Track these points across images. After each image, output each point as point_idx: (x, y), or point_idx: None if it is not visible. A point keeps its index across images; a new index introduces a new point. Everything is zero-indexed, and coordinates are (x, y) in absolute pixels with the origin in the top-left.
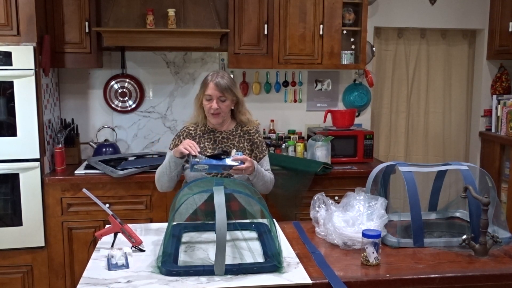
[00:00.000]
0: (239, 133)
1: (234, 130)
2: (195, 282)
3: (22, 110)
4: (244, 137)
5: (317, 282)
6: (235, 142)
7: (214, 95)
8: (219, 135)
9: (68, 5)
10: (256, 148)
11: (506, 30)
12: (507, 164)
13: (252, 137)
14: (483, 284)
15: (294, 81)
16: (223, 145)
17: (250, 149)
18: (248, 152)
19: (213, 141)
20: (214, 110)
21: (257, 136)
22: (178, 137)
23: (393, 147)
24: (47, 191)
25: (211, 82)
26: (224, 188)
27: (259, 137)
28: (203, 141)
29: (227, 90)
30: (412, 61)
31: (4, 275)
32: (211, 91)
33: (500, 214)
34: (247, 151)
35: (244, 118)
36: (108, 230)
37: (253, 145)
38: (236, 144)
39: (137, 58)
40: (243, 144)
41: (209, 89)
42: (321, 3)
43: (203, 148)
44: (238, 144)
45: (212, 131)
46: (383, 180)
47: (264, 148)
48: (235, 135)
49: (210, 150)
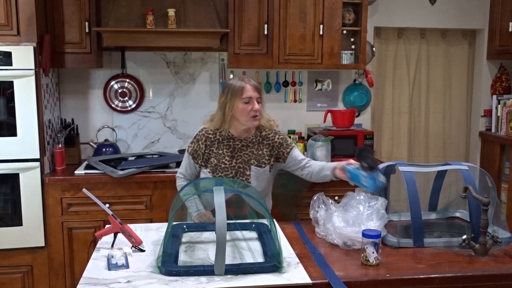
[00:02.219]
0: (258, 139)
1: (253, 138)
2: (195, 282)
3: (22, 110)
4: (263, 143)
5: (317, 282)
6: (254, 150)
7: (253, 96)
8: (238, 143)
9: (68, 5)
10: (279, 147)
11: (506, 30)
12: (507, 164)
13: (272, 141)
14: (483, 284)
15: (294, 81)
16: (241, 153)
17: (269, 154)
18: (267, 157)
19: (232, 149)
20: (257, 112)
21: (276, 137)
22: (197, 142)
23: (396, 148)
24: (47, 191)
25: (247, 84)
26: (225, 188)
27: (279, 137)
28: (222, 147)
29: (261, 90)
30: (413, 62)
31: (4, 275)
32: (251, 93)
33: (500, 214)
34: (266, 157)
35: (264, 120)
36: (108, 230)
37: (273, 149)
38: (255, 152)
39: (137, 58)
40: (262, 150)
41: (247, 91)
42: (321, 3)
43: (221, 154)
44: (258, 152)
45: (232, 138)
46: None
47: (289, 143)
48: (254, 143)
49: (228, 157)
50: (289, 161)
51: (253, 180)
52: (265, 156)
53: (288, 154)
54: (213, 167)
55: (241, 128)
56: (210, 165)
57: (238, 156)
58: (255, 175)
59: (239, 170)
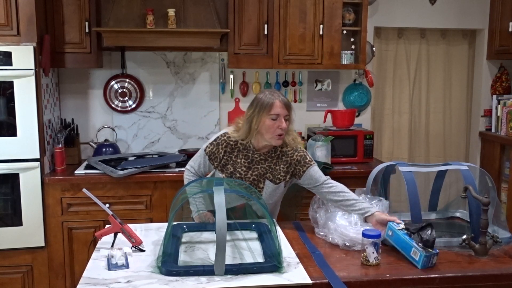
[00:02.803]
0: (278, 154)
1: (273, 152)
2: (195, 282)
3: (22, 110)
4: (282, 158)
5: (317, 282)
6: (272, 164)
7: (282, 113)
8: (257, 156)
9: (68, 5)
10: (297, 164)
11: (506, 30)
12: (507, 164)
13: (290, 159)
14: (483, 284)
15: (294, 81)
16: (258, 166)
17: (286, 170)
18: (283, 174)
19: (250, 160)
20: (283, 130)
21: (295, 154)
22: (217, 145)
23: (396, 148)
24: (47, 191)
25: (277, 100)
26: (224, 188)
27: (298, 154)
28: (241, 156)
29: (291, 108)
30: (413, 62)
31: (4, 275)
32: (280, 110)
33: (500, 214)
34: (282, 173)
35: (289, 138)
36: (108, 230)
37: (290, 166)
38: (272, 167)
39: (137, 58)
40: (279, 166)
41: (276, 107)
42: (321, 3)
43: (238, 163)
44: (274, 167)
45: (252, 150)
46: (383, 180)
47: (309, 160)
48: (273, 157)
49: (245, 167)
50: (305, 179)
51: (265, 193)
52: (281, 172)
53: (304, 172)
54: (228, 174)
55: (264, 143)
56: (226, 171)
57: (255, 168)
58: (268, 189)
59: (253, 182)
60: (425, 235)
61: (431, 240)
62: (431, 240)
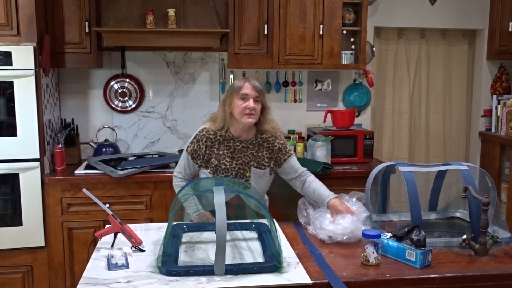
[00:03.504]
0: (259, 141)
1: (253, 139)
2: (195, 282)
3: (22, 110)
4: (264, 145)
5: (317, 282)
6: (254, 152)
7: (251, 94)
8: (238, 144)
9: (68, 5)
10: (278, 152)
11: (506, 30)
12: (507, 164)
13: (272, 145)
14: (483, 284)
15: (294, 81)
16: (241, 154)
17: (269, 157)
18: (267, 160)
19: (232, 149)
20: (251, 110)
21: (277, 142)
22: (198, 142)
23: (396, 148)
24: (47, 191)
25: (246, 82)
26: (225, 188)
27: (279, 142)
28: (222, 148)
29: (262, 92)
30: (413, 62)
31: (4, 275)
32: (248, 90)
33: (500, 214)
34: (266, 159)
35: (269, 126)
36: (108, 230)
37: (273, 152)
38: (255, 154)
39: (137, 58)
40: (261, 153)
41: (245, 88)
42: (321, 3)
43: (221, 155)
44: (257, 154)
45: (232, 139)
46: (383, 180)
47: (288, 149)
48: (255, 144)
49: (229, 158)
50: (285, 168)
51: (253, 182)
52: (265, 159)
53: (285, 161)
54: (213, 168)
55: (240, 127)
56: (210, 166)
57: (238, 157)
58: (255, 176)
59: (239, 171)
60: (415, 236)
61: (422, 239)
62: (422, 239)
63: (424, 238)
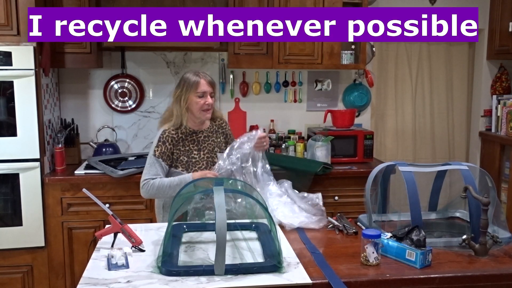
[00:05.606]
0: (215, 128)
1: (211, 127)
2: (195, 282)
3: (22, 110)
4: (219, 131)
5: (317, 282)
6: (214, 138)
7: (208, 91)
8: (200, 135)
9: (68, 5)
10: (229, 137)
11: (506, 30)
12: (507, 164)
13: (224, 130)
14: (483, 284)
15: (294, 81)
16: (206, 144)
17: (225, 141)
18: (224, 144)
19: (196, 142)
20: (209, 106)
21: (227, 128)
22: (164, 144)
23: (401, 150)
24: (47, 191)
25: (202, 79)
26: (225, 188)
27: (228, 128)
28: (187, 143)
29: (214, 85)
30: (414, 62)
31: (4, 275)
32: (205, 88)
33: (500, 214)
34: (223, 144)
35: (218, 113)
36: (108, 230)
37: (227, 136)
38: (216, 140)
39: (137, 58)
40: (219, 138)
41: (202, 86)
42: (321, 3)
43: (188, 150)
44: (217, 139)
45: (194, 132)
46: (383, 180)
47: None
48: (213, 132)
49: (196, 151)
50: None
51: None
52: (222, 143)
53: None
54: (184, 164)
55: (197, 120)
56: (181, 163)
57: (204, 148)
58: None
59: (208, 160)
60: (415, 236)
61: (422, 239)
62: (422, 239)
63: (424, 238)
